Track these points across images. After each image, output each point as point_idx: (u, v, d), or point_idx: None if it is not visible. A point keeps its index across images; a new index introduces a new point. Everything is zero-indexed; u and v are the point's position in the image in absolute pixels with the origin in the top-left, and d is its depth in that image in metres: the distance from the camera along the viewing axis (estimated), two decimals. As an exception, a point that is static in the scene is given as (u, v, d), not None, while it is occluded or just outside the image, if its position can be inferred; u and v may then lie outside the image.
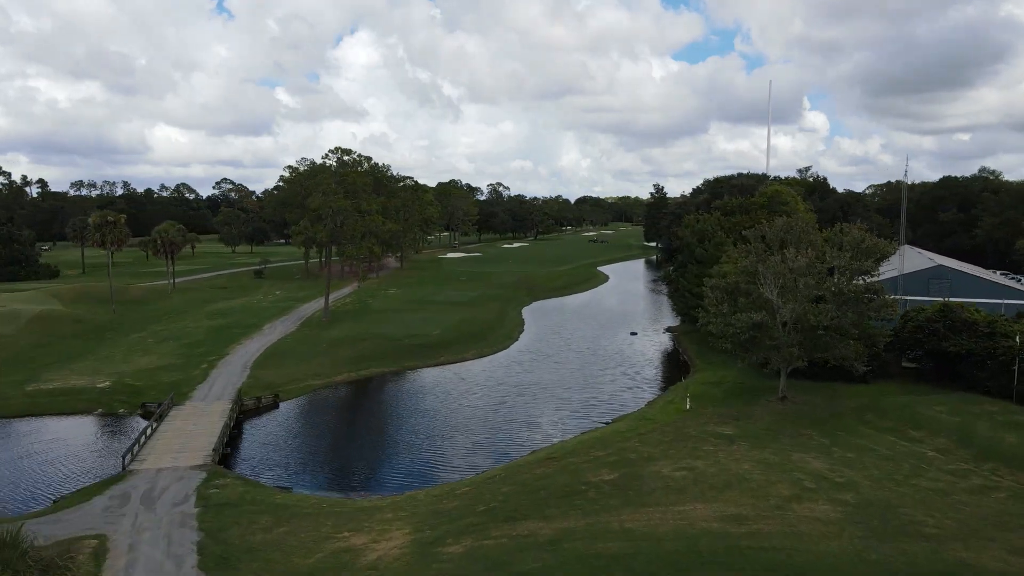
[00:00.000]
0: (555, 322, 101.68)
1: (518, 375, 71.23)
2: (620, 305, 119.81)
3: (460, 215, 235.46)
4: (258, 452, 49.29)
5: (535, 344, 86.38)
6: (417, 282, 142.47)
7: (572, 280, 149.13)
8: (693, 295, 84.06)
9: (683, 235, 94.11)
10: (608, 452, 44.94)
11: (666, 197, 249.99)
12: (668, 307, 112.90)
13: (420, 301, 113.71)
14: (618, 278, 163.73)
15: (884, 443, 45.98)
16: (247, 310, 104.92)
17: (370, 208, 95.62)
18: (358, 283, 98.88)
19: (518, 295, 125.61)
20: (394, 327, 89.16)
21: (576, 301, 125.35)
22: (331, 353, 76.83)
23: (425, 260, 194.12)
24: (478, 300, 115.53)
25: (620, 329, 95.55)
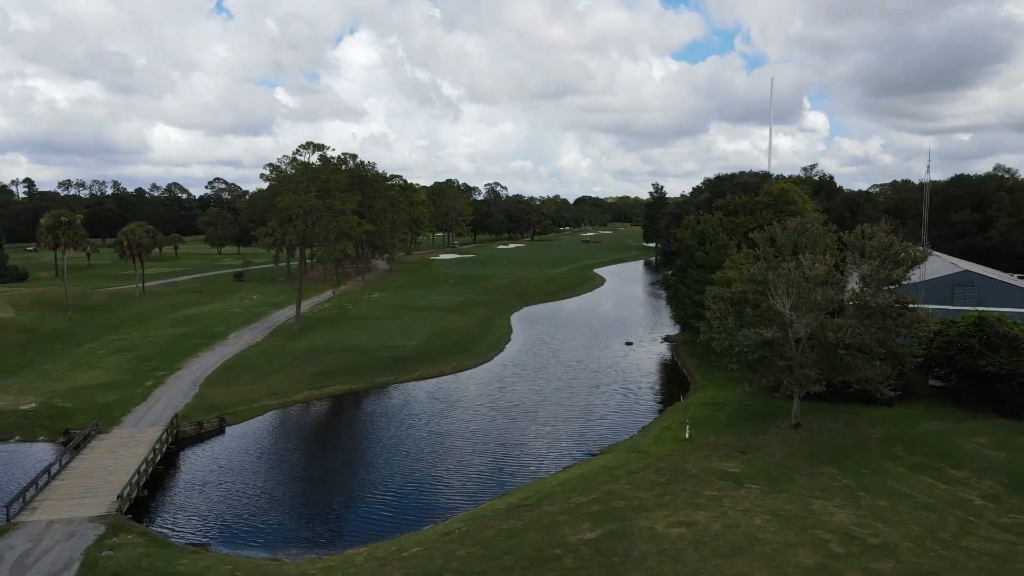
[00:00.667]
0: (545, 330, 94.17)
1: (499, 393, 63.75)
2: (616, 311, 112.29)
3: (454, 215, 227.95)
4: (182, 494, 41.84)
5: (521, 356, 78.89)
6: (404, 285, 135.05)
7: (566, 283, 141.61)
8: (693, 302, 76.68)
9: (682, 237, 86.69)
10: (592, 498, 37.49)
11: (665, 197, 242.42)
12: (666, 313, 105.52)
13: (402, 307, 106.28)
14: (615, 281, 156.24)
15: (920, 486, 38.50)
16: (216, 316, 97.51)
17: (344, 208, 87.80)
18: (333, 290, 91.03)
19: (508, 300, 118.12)
20: (369, 336, 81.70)
21: (569, 306, 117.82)
22: (295, 367, 69.40)
23: (416, 262, 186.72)
24: (464, 306, 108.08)
25: (614, 338, 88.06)
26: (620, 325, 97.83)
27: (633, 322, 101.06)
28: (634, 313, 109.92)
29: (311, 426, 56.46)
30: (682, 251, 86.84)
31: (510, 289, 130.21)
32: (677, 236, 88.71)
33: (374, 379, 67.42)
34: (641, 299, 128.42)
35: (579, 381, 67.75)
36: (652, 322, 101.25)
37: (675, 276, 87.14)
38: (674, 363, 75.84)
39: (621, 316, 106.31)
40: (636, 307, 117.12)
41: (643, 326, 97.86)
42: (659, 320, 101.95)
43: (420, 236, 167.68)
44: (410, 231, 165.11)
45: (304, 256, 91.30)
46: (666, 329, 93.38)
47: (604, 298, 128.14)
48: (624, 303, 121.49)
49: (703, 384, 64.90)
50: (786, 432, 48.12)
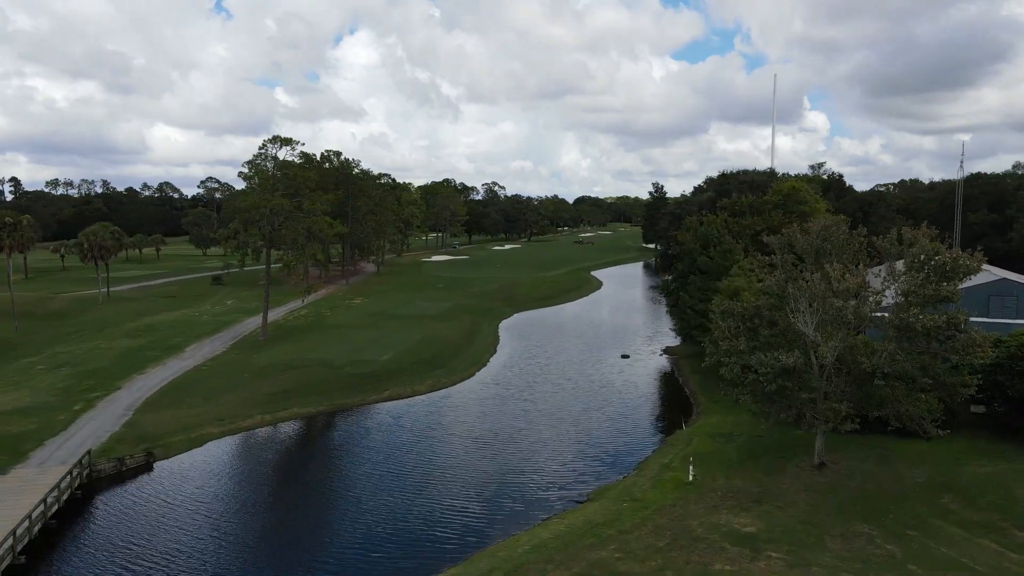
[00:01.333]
0: (535, 341, 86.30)
1: (475, 419, 55.96)
2: (612, 318, 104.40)
3: (447, 216, 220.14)
4: (77, 560, 33.99)
5: (506, 372, 71.06)
6: (390, 289, 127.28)
7: (561, 288, 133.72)
8: (696, 312, 68.92)
9: (683, 240, 78.86)
10: (572, 573, 29.67)
11: (666, 196, 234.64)
12: (667, 322, 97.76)
13: (383, 314, 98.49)
14: (613, 284, 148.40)
15: (984, 556, 30.70)
16: (180, 325, 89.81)
17: (314, 208, 79.93)
18: (302, 298, 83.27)
19: (497, 306, 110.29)
20: (340, 349, 73.89)
21: (563, 313, 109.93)
22: (250, 386, 61.61)
23: (407, 264, 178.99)
24: (450, 313, 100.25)
25: (610, 350, 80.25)
26: (616, 335, 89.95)
27: (631, 331, 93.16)
28: (632, 321, 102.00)
29: (253, 461, 48.58)
30: (683, 255, 79.07)
31: (501, 294, 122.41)
32: (678, 239, 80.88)
33: (337, 400, 59.58)
34: (639, 305, 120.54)
35: (568, 404, 59.90)
36: (651, 331, 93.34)
37: (676, 282, 79.36)
38: (675, 381, 67.98)
39: (618, 324, 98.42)
40: (634, 314, 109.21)
41: (641, 336, 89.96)
42: (658, 329, 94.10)
43: (409, 237, 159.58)
44: (399, 232, 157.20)
45: (269, 260, 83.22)
46: (666, 339, 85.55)
47: (600, 304, 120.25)
48: (621, 309, 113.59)
49: (708, 408, 57.12)
50: (808, 473, 40.33)
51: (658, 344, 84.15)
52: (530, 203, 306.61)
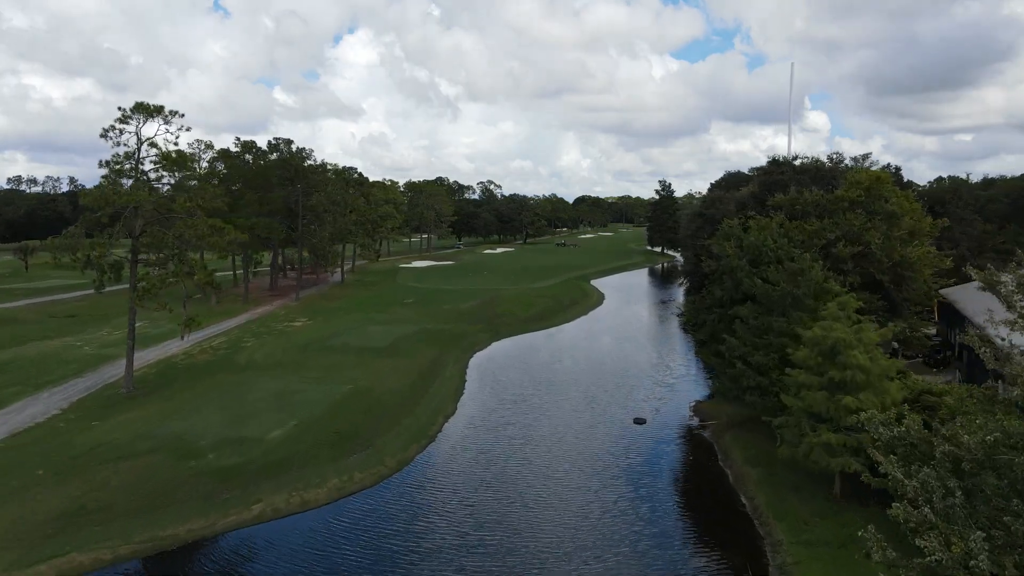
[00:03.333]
0: (514, 392, 61.79)
1: (388, 567, 31.57)
2: (618, 350, 79.87)
3: (433, 216, 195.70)
4: None
5: (460, 455, 46.54)
6: (345, 306, 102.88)
7: (555, 303, 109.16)
8: (753, 368, 44.70)
9: (722, 252, 54.56)
10: None
11: (673, 195, 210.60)
12: (690, 357, 73.25)
13: (318, 346, 74.13)
14: (616, 298, 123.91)
15: None
16: (41, 361, 65.85)
17: (192, 206, 55.39)
18: (182, 335, 58.83)
19: (472, 331, 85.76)
20: (219, 416, 49.49)
21: (555, 342, 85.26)
22: (43, 495, 37.30)
23: (382, 270, 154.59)
24: (408, 343, 75.89)
25: (618, 407, 55.95)
26: (624, 379, 65.47)
27: (643, 373, 68.63)
28: (643, 355, 77.34)
29: None
30: (722, 274, 54.72)
31: (481, 312, 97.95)
32: (713, 250, 56.40)
33: (168, 527, 35.21)
34: (651, 329, 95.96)
35: (550, 529, 35.48)
36: (670, 372, 68.87)
37: (712, 313, 54.98)
38: (720, 476, 43.40)
39: (625, 361, 73.86)
40: (645, 344, 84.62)
41: (660, 383, 65.39)
42: (680, 370, 69.72)
43: (379, 241, 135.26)
44: (367, 236, 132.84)
45: (135, 277, 58.12)
46: (694, 389, 61.30)
47: (602, 327, 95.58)
48: (629, 335, 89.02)
49: (791, 541, 32.75)
50: None
51: (683, 395, 59.78)
52: (526, 203, 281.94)
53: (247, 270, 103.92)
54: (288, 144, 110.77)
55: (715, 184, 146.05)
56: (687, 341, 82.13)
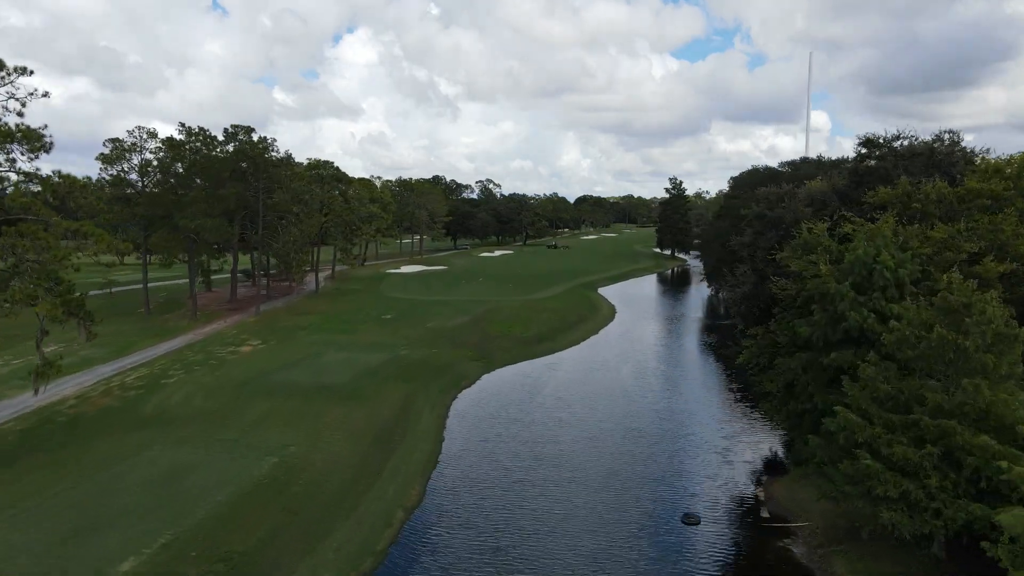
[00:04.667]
0: (504, 467, 44.52)
1: None
2: (642, 392, 62.52)
3: (424, 217, 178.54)
4: None
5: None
6: (311, 324, 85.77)
7: (558, 319, 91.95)
8: (894, 466, 27.57)
9: (806, 269, 37.57)
10: None
11: (684, 194, 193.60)
12: (746, 404, 56.06)
13: (257, 386, 57.02)
14: (629, 311, 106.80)
15: None
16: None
17: (25, 203, 38.03)
18: (35, 391, 41.79)
19: (458, 360, 68.60)
20: (38, 540, 32.37)
21: (561, 378, 67.55)
22: None
23: (365, 277, 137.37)
24: (373, 380, 58.82)
25: (654, 496, 38.82)
26: (659, 444, 48.15)
27: (683, 431, 51.21)
28: (679, 400, 59.66)
29: None
30: (806, 302, 37.66)
31: (471, 332, 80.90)
32: (788, 265, 39.15)
33: None
34: (680, 357, 78.79)
35: None
36: (722, 431, 51.58)
37: (791, 359, 37.89)
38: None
39: (656, 411, 56.38)
40: (678, 380, 67.37)
41: (708, 446, 48.04)
42: (736, 426, 52.55)
43: (363, 244, 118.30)
44: (344, 240, 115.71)
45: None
46: (756, 457, 44.28)
47: (618, 353, 78.22)
48: (654, 368, 71.87)
49: None
50: None
51: (744, 469, 42.66)
52: (526, 202, 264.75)
53: (194, 280, 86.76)
54: (248, 132, 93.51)
55: (737, 180, 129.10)
56: (733, 377, 65.15)
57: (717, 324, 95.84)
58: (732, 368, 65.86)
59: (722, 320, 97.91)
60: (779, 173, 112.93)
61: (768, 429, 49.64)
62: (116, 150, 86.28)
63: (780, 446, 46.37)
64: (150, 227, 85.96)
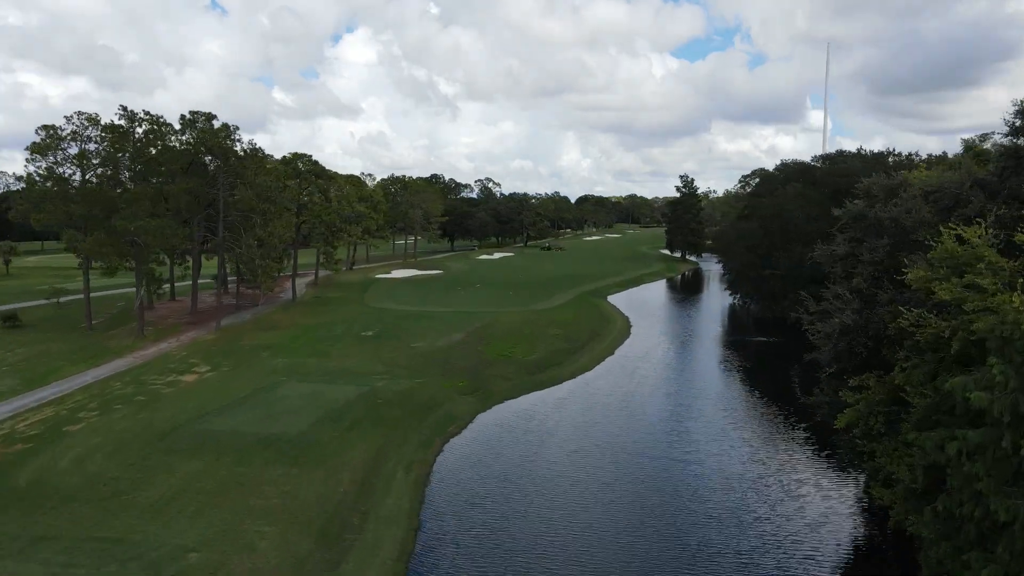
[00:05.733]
0: (503, 561, 31.22)
1: None
2: (672, 432, 49.29)
3: (418, 217, 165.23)
4: None
5: None
6: (276, 343, 72.49)
7: (567, 337, 78.54)
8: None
9: (960, 300, 24.16)
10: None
11: (696, 193, 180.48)
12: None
13: (186, 436, 43.69)
14: (645, 323, 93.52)
15: None
16: None
17: None
18: None
19: (445, 397, 55.09)
20: None
21: (570, 417, 53.69)
22: None
23: (349, 283, 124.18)
24: (335, 427, 45.56)
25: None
26: (716, 522, 34.98)
27: (747, 503, 37.94)
28: (734, 453, 46.44)
29: None
30: (960, 349, 24.29)
31: (465, 355, 67.58)
32: (928, 290, 25.86)
33: None
34: (711, 384, 65.45)
35: None
36: (803, 509, 38.22)
37: (938, 446, 24.46)
38: None
39: (697, 461, 43.25)
40: (718, 417, 54.06)
41: (787, 533, 34.82)
42: (835, 510, 39.16)
43: (351, 247, 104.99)
44: (325, 243, 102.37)
45: None
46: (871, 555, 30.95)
47: (638, 382, 64.41)
48: (684, 399, 58.51)
49: None
50: None
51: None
52: (527, 201, 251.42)
53: (140, 291, 73.50)
54: (209, 120, 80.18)
55: (764, 177, 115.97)
56: (797, 423, 52.00)
57: (749, 341, 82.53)
58: (793, 411, 52.69)
59: (754, 336, 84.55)
60: (812, 168, 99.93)
61: (874, 515, 36.35)
62: (50, 138, 73.10)
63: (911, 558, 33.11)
64: (89, 229, 72.69)
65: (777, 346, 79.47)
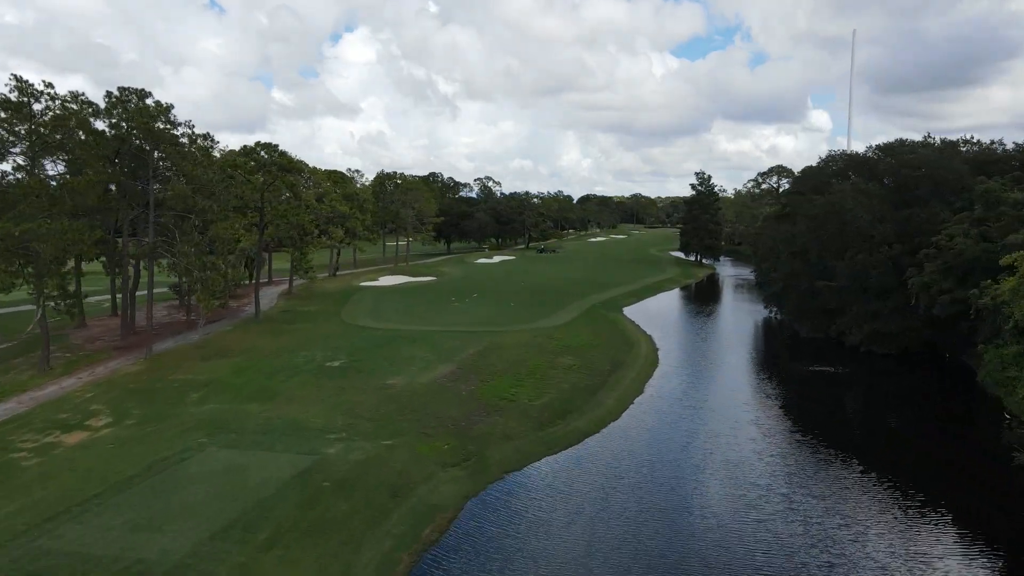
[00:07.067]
0: None
1: None
2: (748, 536, 33.28)
3: (410, 217, 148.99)
4: None
5: None
6: (216, 379, 56.23)
7: (581, 368, 62.32)
8: None
9: None
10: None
11: (714, 190, 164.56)
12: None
13: (21, 556, 27.36)
14: (672, 345, 77.55)
15: None
16: None
17: None
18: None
19: (422, 471, 38.84)
20: None
21: (600, 505, 38.02)
22: None
23: (331, 292, 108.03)
24: (243, 544, 29.24)
25: None
26: None
27: None
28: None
29: None
30: None
31: (453, 398, 51.38)
32: None
33: None
34: (780, 439, 49.27)
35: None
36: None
37: None
38: None
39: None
40: (817, 512, 38.01)
41: None
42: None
43: (308, 252, 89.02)
44: (294, 248, 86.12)
45: None
46: None
47: (685, 439, 48.37)
48: (752, 469, 42.37)
49: None
50: None
51: None
52: (528, 201, 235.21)
53: (39, 309, 57.12)
54: (142, 97, 63.96)
55: (806, 172, 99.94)
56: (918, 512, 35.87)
57: (807, 372, 66.26)
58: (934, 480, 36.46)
59: (812, 365, 68.27)
60: (869, 160, 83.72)
61: None
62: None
63: None
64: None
65: (847, 379, 63.39)
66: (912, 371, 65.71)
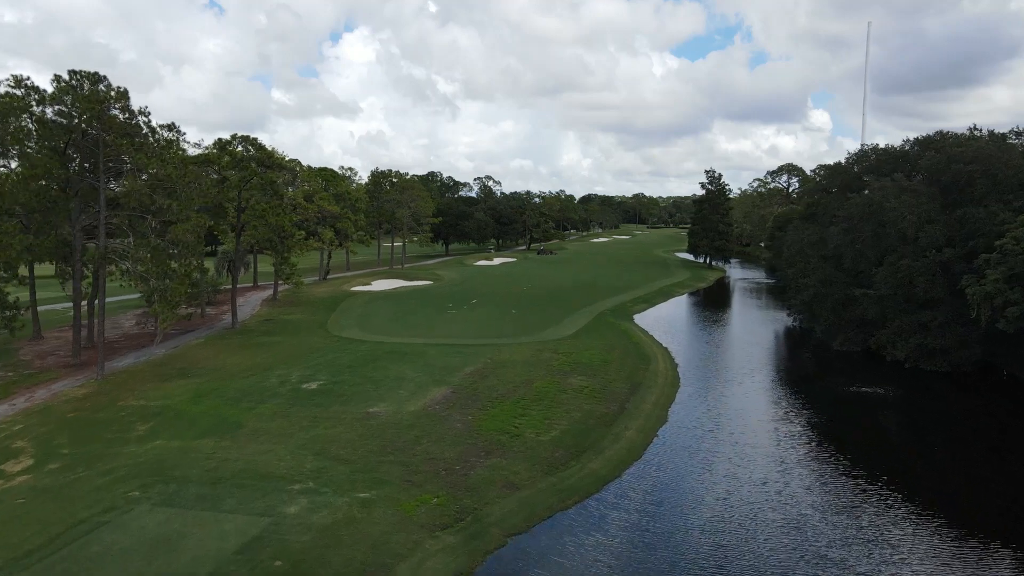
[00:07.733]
0: None
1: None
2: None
3: (405, 217, 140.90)
4: None
5: None
6: (172, 406, 48.13)
7: (593, 391, 54.28)
8: None
9: None
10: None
11: (725, 190, 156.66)
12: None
13: None
14: (691, 359, 69.64)
15: None
16: None
17: None
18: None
19: (403, 540, 30.74)
20: None
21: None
22: None
23: (318, 299, 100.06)
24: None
25: None
26: None
27: None
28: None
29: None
30: None
31: (446, 434, 43.30)
32: None
33: None
34: (832, 480, 41.19)
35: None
36: None
37: None
38: None
39: None
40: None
41: None
42: None
43: (294, 256, 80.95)
44: (273, 249, 78.08)
45: None
46: None
47: (727, 485, 40.54)
48: (814, 520, 34.32)
49: None
50: None
51: None
52: (529, 201, 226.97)
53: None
54: (95, 82, 55.93)
55: (832, 170, 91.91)
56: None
57: (849, 393, 58.12)
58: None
59: (854, 385, 60.13)
60: (908, 155, 75.67)
61: None
62: None
63: None
64: None
65: (899, 401, 55.24)
66: (973, 392, 57.69)
